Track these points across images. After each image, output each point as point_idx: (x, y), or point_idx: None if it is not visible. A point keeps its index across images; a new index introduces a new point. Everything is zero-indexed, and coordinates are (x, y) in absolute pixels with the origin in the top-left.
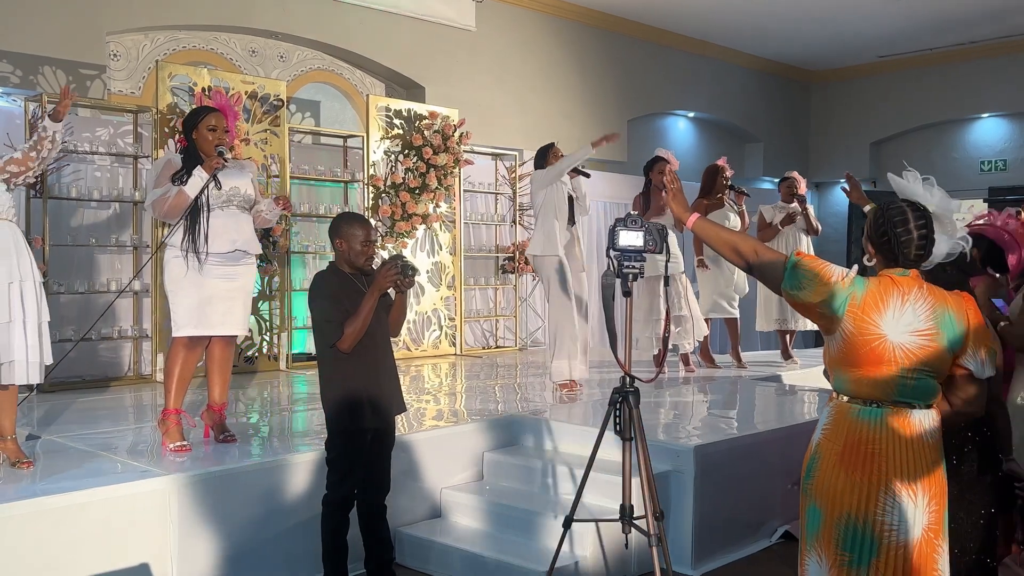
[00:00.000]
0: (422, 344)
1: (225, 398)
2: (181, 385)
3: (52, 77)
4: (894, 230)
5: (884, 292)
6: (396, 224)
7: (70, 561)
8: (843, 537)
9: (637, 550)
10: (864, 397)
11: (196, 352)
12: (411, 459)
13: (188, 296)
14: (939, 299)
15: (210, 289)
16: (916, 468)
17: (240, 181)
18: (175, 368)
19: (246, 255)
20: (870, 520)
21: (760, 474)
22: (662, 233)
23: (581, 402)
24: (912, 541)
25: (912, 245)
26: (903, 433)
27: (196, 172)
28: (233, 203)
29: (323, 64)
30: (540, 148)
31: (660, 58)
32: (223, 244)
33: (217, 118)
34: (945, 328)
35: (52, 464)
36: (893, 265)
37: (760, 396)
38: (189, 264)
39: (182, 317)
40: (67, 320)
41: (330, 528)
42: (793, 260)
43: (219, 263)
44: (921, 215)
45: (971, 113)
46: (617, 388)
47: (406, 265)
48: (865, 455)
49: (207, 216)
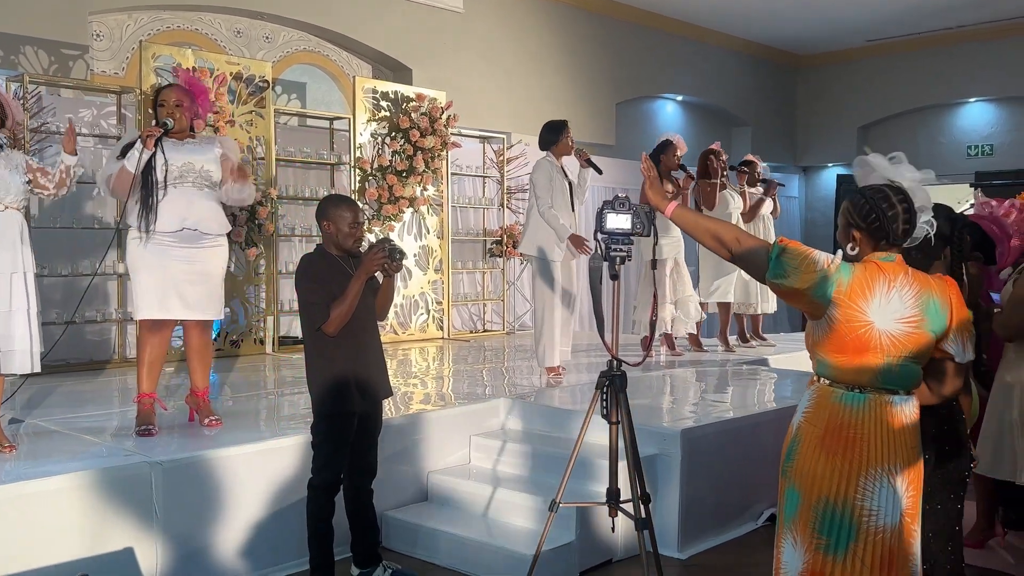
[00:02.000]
0: (409, 328)
1: (207, 383)
2: (151, 369)
3: (34, 57)
4: (880, 207)
5: (870, 278)
6: (383, 207)
7: (53, 545)
8: (820, 521)
9: (624, 533)
10: (847, 382)
11: (162, 335)
12: (398, 443)
13: (146, 277)
14: (924, 285)
15: (170, 271)
16: (897, 453)
17: (198, 157)
18: (143, 352)
19: (206, 236)
20: (849, 504)
21: (747, 457)
22: (650, 216)
23: (568, 386)
24: (891, 526)
25: (899, 219)
26: (885, 419)
27: (136, 144)
28: (188, 180)
29: (309, 45)
30: (551, 123)
31: (649, 41)
32: (170, 222)
33: (174, 93)
34: (930, 314)
35: (35, 448)
36: (879, 247)
37: (747, 380)
38: (145, 244)
39: (141, 299)
40: (51, 303)
41: (315, 512)
42: (779, 247)
43: (176, 243)
44: (899, 191)
45: (958, 98)
46: (604, 372)
47: (394, 249)
48: (846, 440)
49: (156, 193)
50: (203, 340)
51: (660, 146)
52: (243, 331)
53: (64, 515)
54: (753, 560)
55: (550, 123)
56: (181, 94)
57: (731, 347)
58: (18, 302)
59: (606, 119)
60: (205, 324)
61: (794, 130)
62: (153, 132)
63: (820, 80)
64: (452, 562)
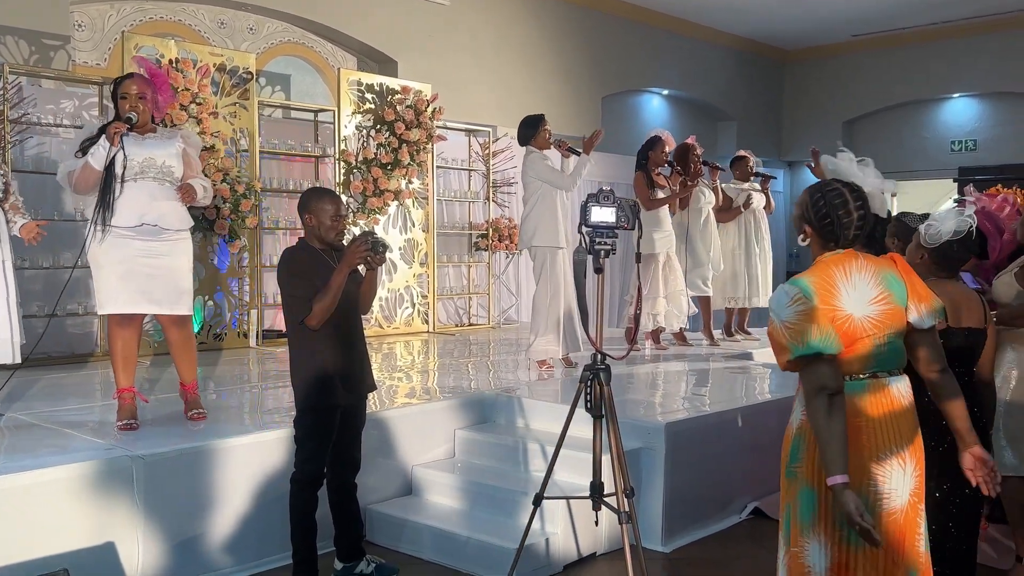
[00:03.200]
0: (394, 321)
1: (194, 376)
2: (126, 364)
3: (15, 47)
4: (835, 212)
5: (827, 275)
6: (368, 200)
7: (34, 540)
8: (840, 514)
9: (608, 527)
10: (844, 372)
11: (131, 330)
12: (383, 436)
13: (107, 272)
14: (876, 263)
15: (129, 265)
16: (901, 434)
17: (159, 152)
18: (115, 348)
19: (164, 230)
20: (864, 492)
21: (730, 451)
22: (634, 209)
23: (553, 380)
24: (901, 507)
25: (852, 226)
26: (884, 402)
27: (100, 141)
28: (149, 175)
29: (294, 37)
30: (528, 118)
31: (635, 35)
32: (129, 217)
33: (136, 84)
34: (893, 287)
35: (16, 442)
36: (829, 247)
37: (731, 374)
38: (103, 239)
39: (103, 294)
40: (32, 295)
41: (298, 506)
42: (802, 352)
43: (136, 237)
44: (859, 195)
45: (942, 93)
46: (588, 365)
47: (376, 242)
48: (854, 428)
49: (115, 188)
50: (182, 335)
51: (649, 142)
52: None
53: (45, 510)
54: (736, 553)
55: (527, 118)
56: (143, 85)
57: (716, 341)
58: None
59: (592, 113)
60: (181, 319)
61: (779, 125)
62: (119, 129)
63: (805, 75)
64: (436, 556)
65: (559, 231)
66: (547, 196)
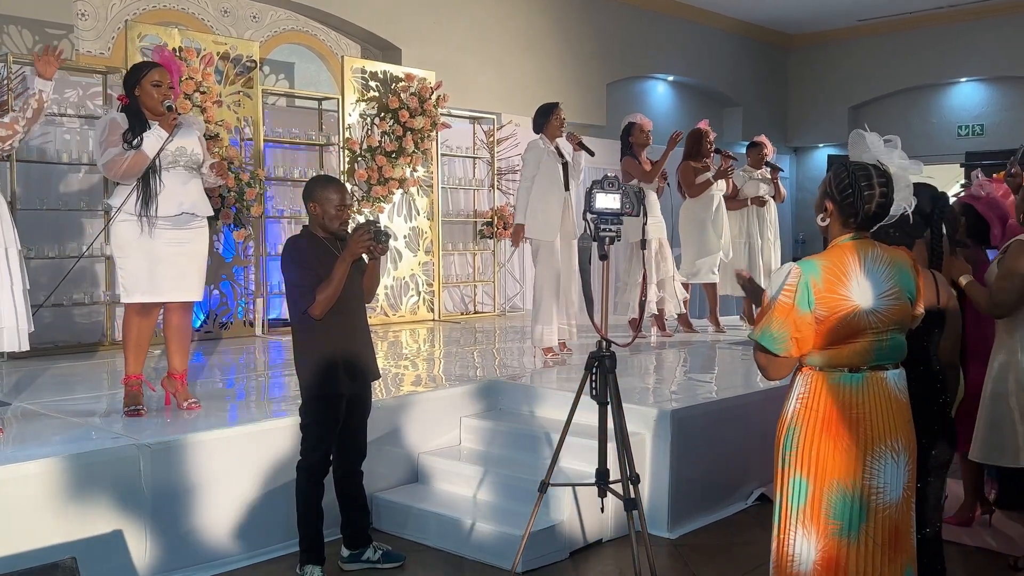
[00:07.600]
0: (400, 310)
1: (185, 365)
2: (139, 352)
3: (18, 37)
4: (858, 184)
5: (840, 262)
6: (372, 188)
7: (41, 529)
8: (833, 505)
9: (613, 514)
10: (843, 366)
11: (150, 318)
12: (389, 424)
13: (137, 261)
14: (892, 255)
15: (159, 253)
16: (897, 428)
17: (186, 140)
18: (129, 334)
19: (195, 218)
20: (859, 485)
21: (736, 437)
22: (639, 196)
23: (559, 367)
24: (895, 502)
25: (874, 202)
26: (883, 395)
27: (153, 131)
28: (180, 163)
29: (297, 25)
30: (541, 107)
31: (639, 21)
32: (171, 207)
33: (161, 73)
34: (904, 283)
35: (23, 431)
36: (848, 226)
37: (737, 360)
38: (141, 228)
39: (131, 283)
40: (38, 285)
41: (304, 494)
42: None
43: (167, 227)
44: (883, 174)
45: (949, 77)
46: (593, 353)
47: (379, 231)
48: (849, 421)
49: (158, 178)
50: (185, 321)
51: (625, 129)
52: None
53: (52, 498)
54: (743, 539)
55: (541, 106)
56: (166, 74)
57: (722, 327)
58: (5, 279)
59: (597, 99)
60: (187, 306)
61: (785, 110)
62: (175, 119)
63: (811, 60)
64: (442, 543)
65: (550, 222)
66: (541, 184)
